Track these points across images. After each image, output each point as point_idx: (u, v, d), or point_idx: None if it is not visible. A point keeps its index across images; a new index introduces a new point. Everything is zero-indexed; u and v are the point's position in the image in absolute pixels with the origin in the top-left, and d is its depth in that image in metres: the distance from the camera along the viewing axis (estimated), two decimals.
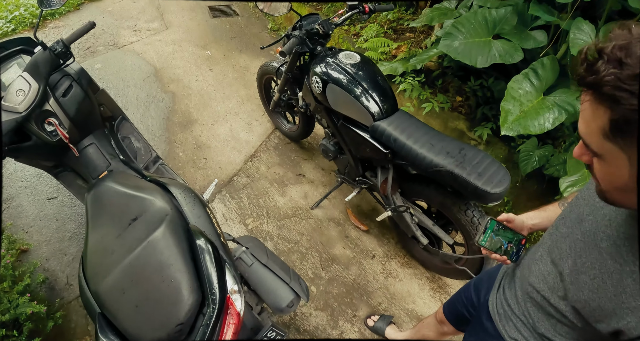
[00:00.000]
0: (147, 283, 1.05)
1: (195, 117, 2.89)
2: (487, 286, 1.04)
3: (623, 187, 0.52)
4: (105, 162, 1.68)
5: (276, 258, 1.55)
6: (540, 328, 0.78)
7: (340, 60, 1.84)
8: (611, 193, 0.56)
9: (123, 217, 1.26)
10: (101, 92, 1.77)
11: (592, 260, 0.64)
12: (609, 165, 0.51)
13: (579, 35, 1.76)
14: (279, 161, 2.61)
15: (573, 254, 0.69)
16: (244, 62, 3.44)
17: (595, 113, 0.49)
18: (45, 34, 3.83)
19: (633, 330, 0.57)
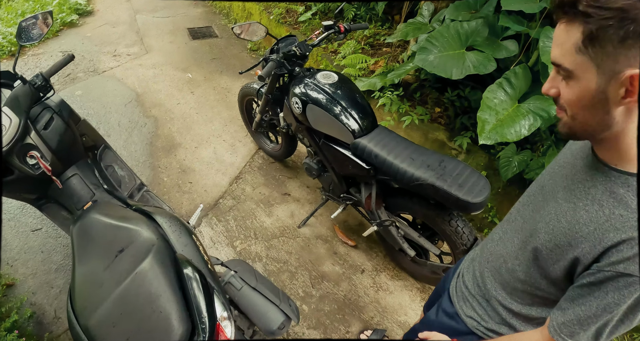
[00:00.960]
0: (137, 315, 1.08)
1: (178, 141, 2.94)
2: (451, 277, 1.17)
3: (590, 102, 0.59)
4: (89, 192, 1.71)
5: (265, 280, 1.59)
6: (496, 299, 0.91)
7: (318, 80, 1.92)
8: (577, 118, 0.63)
9: (110, 248, 1.28)
10: (83, 122, 1.81)
11: (549, 210, 0.75)
12: (579, 81, 0.59)
13: (548, 42, 1.86)
14: (264, 181, 2.67)
15: (533, 213, 0.81)
16: (225, 83, 3.53)
17: (569, 32, 0.58)
18: (25, 62, 3.87)
19: (587, 255, 0.66)
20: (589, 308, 0.67)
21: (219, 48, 4.02)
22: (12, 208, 2.40)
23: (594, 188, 0.67)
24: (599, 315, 0.66)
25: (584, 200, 0.68)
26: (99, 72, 3.69)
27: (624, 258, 0.61)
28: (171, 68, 3.71)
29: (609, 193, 0.65)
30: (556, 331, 0.72)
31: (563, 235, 0.70)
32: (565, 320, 0.71)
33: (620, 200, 0.63)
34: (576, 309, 0.69)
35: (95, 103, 3.26)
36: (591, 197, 0.67)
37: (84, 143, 1.81)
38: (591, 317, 0.67)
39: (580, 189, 0.70)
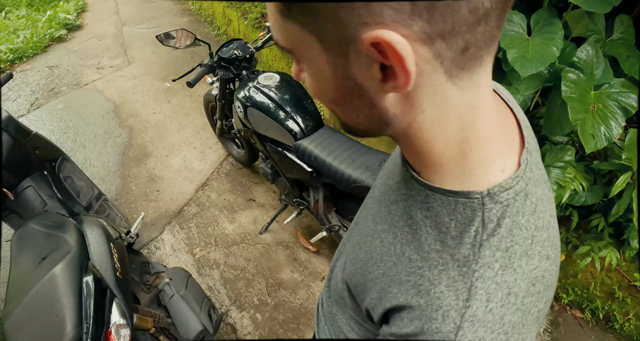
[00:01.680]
0: (39, 320, 1.14)
1: (150, 150, 3.02)
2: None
3: (337, 95, 0.39)
4: (42, 203, 1.79)
5: (194, 288, 1.64)
6: (339, 322, 0.67)
7: (259, 82, 1.94)
8: (338, 116, 0.43)
9: (37, 255, 1.37)
10: (33, 135, 1.88)
11: (361, 228, 0.56)
12: (309, 65, 0.39)
13: (509, 26, 1.82)
14: (230, 187, 2.72)
15: (354, 227, 0.62)
16: (202, 91, 3.58)
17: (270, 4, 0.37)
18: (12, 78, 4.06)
19: (375, 309, 0.47)
20: None
21: (200, 56, 4.11)
22: None
23: (395, 205, 0.47)
24: None
25: (383, 222, 0.49)
26: (81, 85, 3.84)
27: (404, 334, 0.40)
28: (151, 78, 3.82)
29: (407, 217, 0.44)
30: None
31: (360, 273, 0.51)
32: None
33: (415, 233, 0.43)
34: None
35: (74, 116, 3.39)
36: (390, 218, 0.48)
37: (38, 156, 1.89)
38: None
39: (385, 204, 0.50)
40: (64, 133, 3.19)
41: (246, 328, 2.01)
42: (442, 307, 0.38)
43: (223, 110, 2.39)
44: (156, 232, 2.48)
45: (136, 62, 4.12)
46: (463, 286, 0.38)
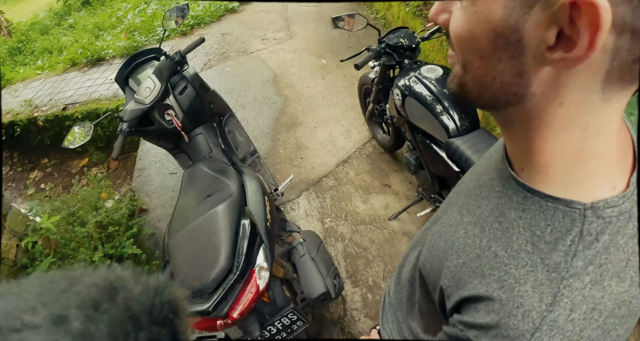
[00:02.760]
0: (198, 244, 1.40)
1: (300, 119, 3.32)
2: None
3: (489, 45, 0.36)
4: (209, 149, 2.10)
5: (325, 254, 1.80)
6: (402, 314, 0.71)
7: (421, 73, 1.97)
8: (469, 70, 0.40)
9: (202, 192, 1.67)
10: (211, 92, 2.22)
11: (445, 219, 0.57)
12: (475, 2, 0.36)
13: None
14: (369, 169, 2.87)
15: (438, 216, 0.63)
16: (355, 72, 3.79)
17: None
18: (190, 39, 4.78)
19: (451, 296, 0.48)
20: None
21: (357, 38, 4.31)
22: (160, 154, 3.09)
23: (487, 200, 0.48)
24: None
25: (470, 215, 0.49)
26: (247, 52, 4.35)
27: (477, 324, 0.41)
28: (309, 54, 4.15)
29: (498, 213, 0.44)
30: None
31: (436, 259, 0.53)
32: None
33: (505, 230, 0.43)
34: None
35: (239, 79, 3.88)
36: (479, 212, 0.48)
37: (212, 110, 2.20)
38: None
39: (474, 198, 0.51)
40: (228, 92, 3.68)
41: (355, 304, 2.14)
42: (524, 306, 0.38)
43: (378, 95, 2.50)
44: (294, 195, 2.75)
45: (297, 37, 4.50)
46: (549, 291, 0.38)
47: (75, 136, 1.89)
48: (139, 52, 2.06)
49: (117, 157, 1.80)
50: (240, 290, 1.32)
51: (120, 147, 1.80)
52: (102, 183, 2.65)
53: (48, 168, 4.05)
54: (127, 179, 3.33)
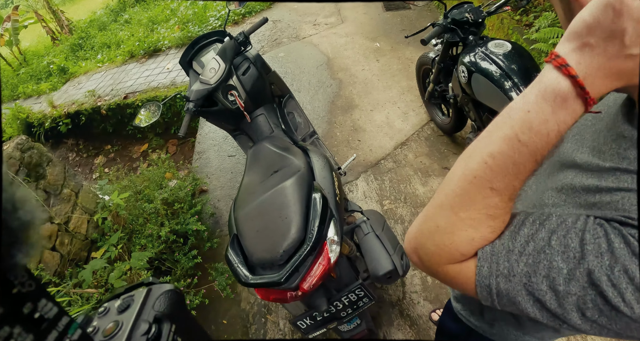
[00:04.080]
0: (268, 216, 1.41)
1: (356, 102, 3.31)
2: None
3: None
4: (270, 129, 2.15)
5: (390, 232, 1.77)
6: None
7: (488, 49, 1.90)
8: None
9: (269, 168, 1.70)
10: (273, 73, 2.24)
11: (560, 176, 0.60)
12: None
13: None
14: (428, 152, 2.81)
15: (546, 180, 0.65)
16: (410, 54, 3.73)
17: None
18: (242, 27, 4.88)
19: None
20: None
21: (410, 20, 4.23)
22: (218, 137, 3.20)
23: (631, 150, 0.49)
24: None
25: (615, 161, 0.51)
26: (299, 38, 4.38)
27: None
28: (361, 37, 4.12)
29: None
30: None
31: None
32: None
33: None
34: None
35: (293, 64, 3.92)
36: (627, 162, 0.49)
37: (272, 91, 2.24)
38: None
39: (612, 151, 0.52)
40: (283, 77, 3.66)
41: (415, 287, 2.11)
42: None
43: (439, 74, 2.44)
44: (352, 177, 2.75)
45: (348, 21, 4.48)
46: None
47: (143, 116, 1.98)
48: (202, 35, 2.12)
49: (184, 134, 1.87)
50: (311, 262, 1.32)
51: (187, 126, 1.87)
52: (166, 163, 2.77)
53: (111, 154, 4.31)
54: (185, 163, 3.47)
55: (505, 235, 0.50)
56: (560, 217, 0.47)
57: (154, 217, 2.38)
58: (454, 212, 0.50)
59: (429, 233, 0.53)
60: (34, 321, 0.29)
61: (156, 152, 3.89)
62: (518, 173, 0.47)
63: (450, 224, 0.51)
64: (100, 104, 4.39)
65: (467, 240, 0.50)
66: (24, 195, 0.26)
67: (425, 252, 0.53)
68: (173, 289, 0.49)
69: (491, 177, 0.48)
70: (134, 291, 0.48)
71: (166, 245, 2.34)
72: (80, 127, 4.55)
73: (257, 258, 1.34)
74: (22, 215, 0.26)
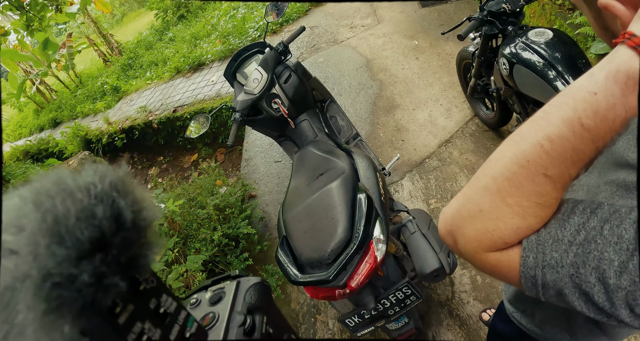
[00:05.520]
0: (316, 217, 1.47)
1: (398, 102, 3.32)
2: None
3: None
4: (314, 134, 2.21)
5: (436, 231, 1.76)
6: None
7: (529, 38, 1.86)
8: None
9: (314, 171, 1.77)
10: (313, 79, 2.31)
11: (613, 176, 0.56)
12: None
13: None
14: (473, 148, 2.77)
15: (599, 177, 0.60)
16: (449, 49, 3.70)
17: None
18: (281, 36, 5.05)
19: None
20: None
21: (447, 14, 4.19)
22: (264, 144, 3.33)
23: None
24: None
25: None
26: (337, 42, 4.46)
27: None
28: (399, 36, 4.13)
29: None
30: None
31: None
32: None
33: None
34: None
35: (332, 68, 4.00)
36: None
37: (314, 97, 2.31)
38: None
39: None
40: (324, 82, 3.77)
41: (464, 286, 2.09)
42: None
43: (480, 68, 2.41)
44: (397, 177, 2.77)
45: (385, 21, 4.50)
46: None
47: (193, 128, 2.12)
48: (243, 47, 2.23)
49: (232, 143, 1.99)
50: (358, 260, 1.37)
51: (234, 135, 1.99)
52: (216, 171, 2.93)
53: (163, 165, 4.58)
54: (234, 170, 3.63)
55: (552, 223, 0.46)
56: (612, 206, 0.44)
57: (206, 222, 2.52)
58: (500, 197, 0.47)
59: (469, 217, 0.49)
60: (160, 315, 0.33)
61: (206, 161, 4.09)
62: (577, 160, 0.44)
63: (495, 209, 0.47)
64: (152, 119, 4.69)
65: (513, 228, 0.47)
66: (142, 195, 0.31)
67: (463, 235, 0.50)
68: (261, 282, 0.53)
69: (547, 162, 0.45)
70: (223, 284, 0.53)
71: (219, 248, 2.47)
72: (134, 141, 4.87)
73: (306, 257, 1.40)
74: (146, 215, 0.31)
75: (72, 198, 0.27)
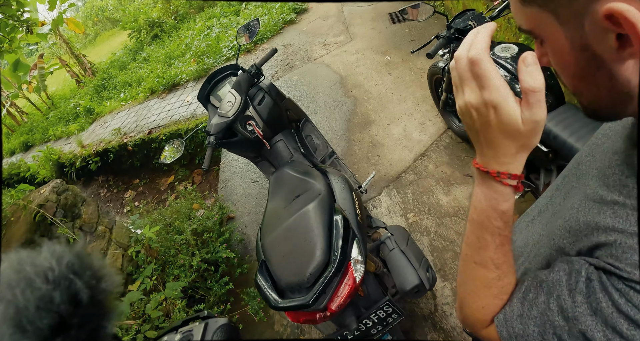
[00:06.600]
0: (293, 241, 1.48)
1: (373, 118, 3.37)
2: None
3: (577, 68, 0.45)
4: (290, 154, 2.22)
5: (415, 247, 1.80)
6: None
7: (495, 54, 1.92)
8: (581, 93, 0.49)
9: (291, 193, 1.77)
10: (287, 99, 2.32)
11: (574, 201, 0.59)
12: (549, 42, 0.47)
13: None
14: (448, 160, 2.82)
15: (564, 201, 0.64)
16: (421, 64, 3.78)
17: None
18: (256, 55, 5.07)
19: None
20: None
21: (418, 30, 4.29)
22: (241, 165, 3.31)
23: (632, 178, 0.48)
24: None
25: (616, 193, 0.50)
26: (311, 60, 4.51)
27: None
28: (372, 52, 4.20)
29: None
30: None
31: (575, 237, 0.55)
32: None
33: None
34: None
35: (307, 86, 4.03)
36: (626, 191, 0.48)
37: (288, 117, 2.32)
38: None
39: (615, 177, 0.51)
40: (298, 100, 3.84)
41: (446, 298, 2.10)
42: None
43: (450, 82, 2.48)
44: (375, 193, 2.79)
45: (357, 38, 4.59)
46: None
47: (167, 152, 2.10)
48: (216, 70, 2.24)
49: (207, 167, 1.97)
50: (337, 283, 1.37)
51: (210, 158, 1.98)
52: (192, 194, 2.89)
53: (140, 188, 4.50)
54: (211, 192, 3.59)
55: (514, 301, 0.56)
56: (555, 275, 0.52)
57: (184, 248, 2.48)
58: (461, 288, 0.63)
59: (459, 307, 0.65)
60: None
61: (183, 183, 4.04)
62: (483, 246, 0.57)
63: (463, 298, 0.63)
64: (127, 141, 4.62)
65: (478, 309, 0.60)
66: (100, 264, 0.31)
67: (464, 320, 0.65)
68: (228, 323, 0.55)
69: (471, 252, 0.59)
70: (192, 325, 0.54)
71: (198, 273, 2.43)
72: (109, 163, 4.78)
73: (285, 282, 1.40)
74: (104, 286, 0.31)
75: (31, 286, 0.28)
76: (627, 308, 0.43)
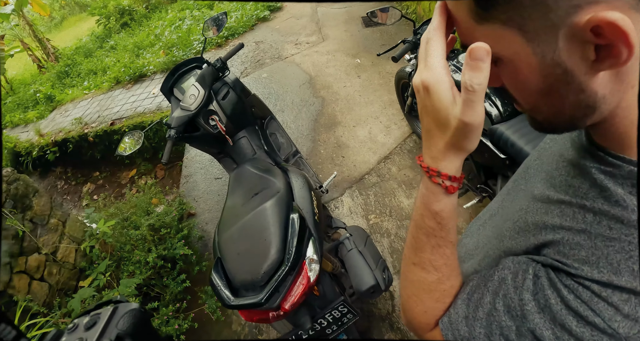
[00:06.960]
0: (249, 239, 1.47)
1: (339, 119, 3.39)
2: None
3: (544, 85, 0.42)
4: (252, 151, 2.20)
5: (373, 248, 1.83)
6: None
7: (458, 61, 1.99)
8: (541, 110, 0.46)
9: (250, 191, 1.76)
10: (252, 96, 2.30)
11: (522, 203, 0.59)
12: (509, 62, 0.43)
13: None
14: (411, 164, 2.87)
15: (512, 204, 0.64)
16: (390, 68, 3.84)
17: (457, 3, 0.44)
18: (226, 50, 5.01)
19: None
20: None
21: (389, 35, 4.36)
22: (204, 161, 3.26)
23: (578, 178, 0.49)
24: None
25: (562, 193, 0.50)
26: (282, 58, 4.50)
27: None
28: (342, 54, 4.24)
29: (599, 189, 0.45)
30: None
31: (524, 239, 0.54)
32: None
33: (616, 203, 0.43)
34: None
35: (276, 84, 4.02)
36: (572, 191, 0.49)
37: (253, 114, 2.30)
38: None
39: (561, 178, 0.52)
40: (266, 98, 3.82)
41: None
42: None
43: None
44: (337, 193, 2.81)
45: (330, 39, 4.61)
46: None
47: (127, 144, 2.04)
48: (181, 62, 2.19)
49: (167, 161, 1.92)
50: (291, 282, 1.37)
51: (169, 152, 1.93)
52: (152, 189, 2.82)
53: (99, 181, 4.35)
54: (173, 187, 3.52)
55: (458, 302, 0.54)
56: (501, 273, 0.51)
57: (141, 244, 2.42)
58: (403, 291, 0.61)
59: (402, 311, 0.63)
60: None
61: (144, 177, 3.94)
62: (420, 246, 0.56)
63: (405, 301, 0.61)
64: (88, 131, 4.45)
65: (420, 312, 0.58)
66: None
67: (408, 324, 0.63)
68: (138, 308, 0.54)
69: (409, 253, 0.58)
70: (102, 309, 0.53)
71: (154, 270, 2.37)
72: (68, 154, 4.59)
73: (240, 280, 1.39)
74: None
75: None
76: (576, 305, 0.42)
